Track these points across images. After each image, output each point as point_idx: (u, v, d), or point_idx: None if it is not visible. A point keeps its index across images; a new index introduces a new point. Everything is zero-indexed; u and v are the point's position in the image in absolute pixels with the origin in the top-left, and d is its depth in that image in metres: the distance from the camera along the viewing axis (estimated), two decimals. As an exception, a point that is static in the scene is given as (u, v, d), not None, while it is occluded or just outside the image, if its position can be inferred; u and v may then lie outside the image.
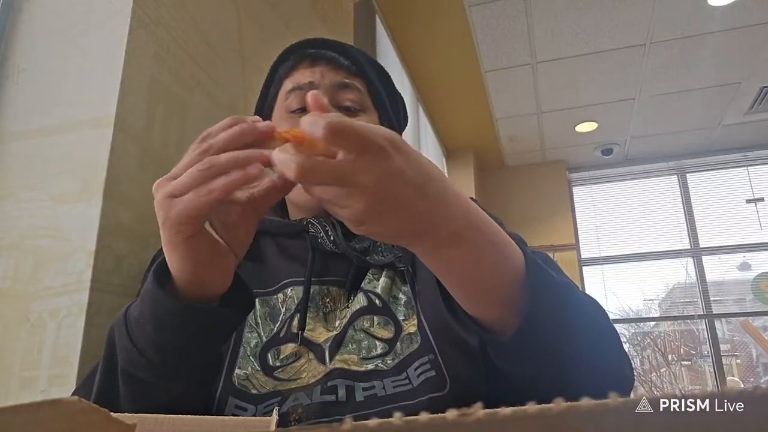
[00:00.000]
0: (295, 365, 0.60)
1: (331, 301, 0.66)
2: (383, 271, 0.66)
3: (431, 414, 0.17)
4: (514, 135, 4.40)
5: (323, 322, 0.64)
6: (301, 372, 0.59)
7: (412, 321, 0.62)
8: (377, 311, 0.63)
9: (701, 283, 4.59)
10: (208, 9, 1.14)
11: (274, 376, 0.59)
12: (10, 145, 0.90)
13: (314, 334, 0.62)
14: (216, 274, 0.47)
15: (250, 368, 0.59)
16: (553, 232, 4.70)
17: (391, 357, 0.59)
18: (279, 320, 0.63)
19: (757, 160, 4.69)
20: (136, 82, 0.90)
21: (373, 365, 0.59)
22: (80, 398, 0.19)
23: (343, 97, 0.69)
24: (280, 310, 0.64)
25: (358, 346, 0.60)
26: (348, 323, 0.62)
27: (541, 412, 0.16)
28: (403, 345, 0.60)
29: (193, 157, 0.43)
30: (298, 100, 0.69)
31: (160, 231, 0.45)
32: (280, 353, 0.61)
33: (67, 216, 0.83)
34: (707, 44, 3.18)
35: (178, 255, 0.45)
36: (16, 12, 0.98)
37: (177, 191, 0.42)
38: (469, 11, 2.86)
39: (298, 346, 0.61)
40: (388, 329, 0.62)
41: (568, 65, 3.39)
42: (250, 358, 0.60)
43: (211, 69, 1.12)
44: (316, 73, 0.69)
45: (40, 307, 0.80)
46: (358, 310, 0.63)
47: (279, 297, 0.65)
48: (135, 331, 0.48)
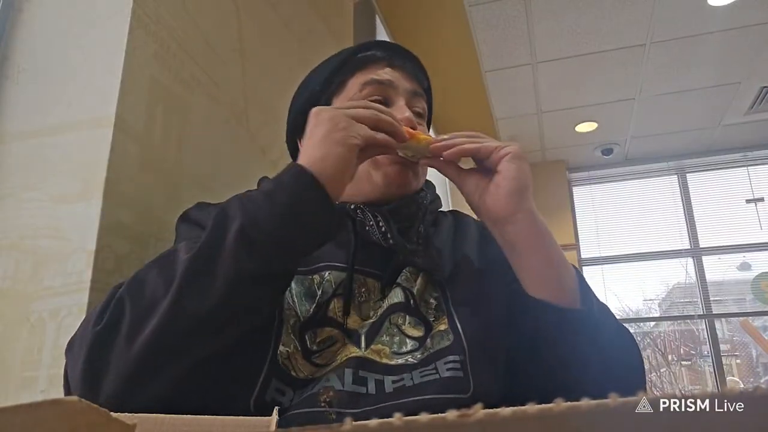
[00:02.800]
0: (332, 349, 0.62)
1: (366, 291, 0.68)
2: (419, 273, 0.70)
3: (432, 414, 0.17)
4: (514, 135, 4.40)
5: (358, 310, 0.66)
6: (336, 356, 0.62)
7: (442, 321, 0.66)
8: (410, 311, 0.66)
9: (701, 283, 4.59)
10: (208, 9, 1.14)
11: (312, 360, 0.61)
12: (10, 145, 0.90)
13: (349, 320, 0.65)
14: (344, 183, 0.57)
15: (292, 346, 0.61)
16: (553, 232, 4.68)
17: (420, 352, 0.63)
18: (315, 302, 0.65)
19: (757, 160, 4.68)
20: (136, 82, 0.90)
21: (404, 359, 0.62)
22: (80, 398, 0.19)
23: (416, 104, 0.77)
24: (316, 291, 0.66)
25: (391, 340, 0.64)
26: (385, 314, 0.65)
27: (541, 412, 0.16)
28: (434, 341, 0.64)
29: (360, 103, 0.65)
30: (378, 93, 0.74)
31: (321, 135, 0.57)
32: (317, 336, 0.63)
33: (67, 216, 0.83)
34: (707, 44, 3.18)
35: (343, 151, 0.56)
36: (16, 12, 0.98)
37: (355, 115, 0.59)
38: (469, 11, 2.86)
39: (335, 331, 0.64)
40: (419, 329, 0.66)
41: (568, 65, 3.39)
42: (291, 336, 0.62)
43: (211, 69, 1.12)
44: (396, 75, 0.76)
45: (40, 307, 0.80)
46: (395, 304, 0.66)
47: (315, 278, 0.67)
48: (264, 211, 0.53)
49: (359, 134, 0.57)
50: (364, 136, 0.58)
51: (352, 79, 0.75)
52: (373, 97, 0.73)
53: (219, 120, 1.14)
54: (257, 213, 0.53)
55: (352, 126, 0.57)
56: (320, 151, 0.56)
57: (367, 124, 0.59)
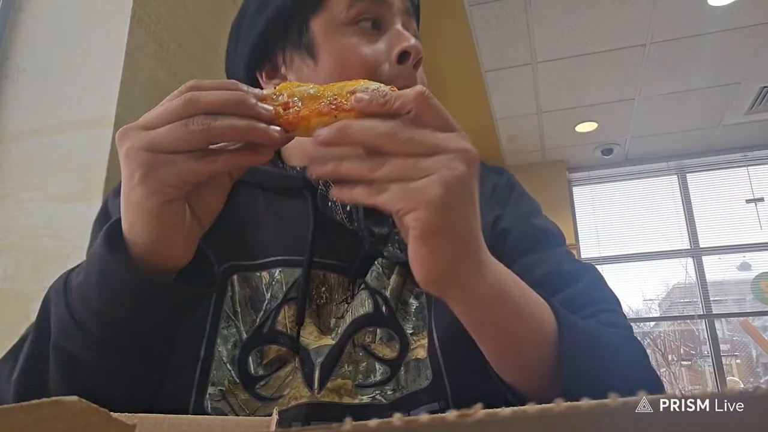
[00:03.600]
0: (279, 375, 0.51)
1: (327, 290, 0.54)
2: (395, 267, 0.54)
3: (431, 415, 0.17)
4: (514, 135, 4.40)
5: (315, 318, 0.53)
6: (284, 387, 0.50)
7: (422, 340, 0.52)
8: (382, 321, 0.53)
9: (701, 283, 4.59)
10: (208, 9, 1.14)
11: (256, 392, 0.50)
12: (10, 145, 0.90)
13: (304, 333, 0.52)
14: (179, 246, 0.41)
15: (227, 381, 0.49)
16: (553, 232, 4.69)
17: (392, 387, 0.50)
18: (262, 309, 0.52)
19: (757, 160, 4.69)
20: (136, 82, 0.90)
21: (370, 397, 0.50)
22: (80, 398, 0.19)
23: (411, 27, 0.61)
24: (264, 294, 0.53)
25: (356, 369, 0.51)
26: (347, 333, 0.52)
27: (541, 412, 0.16)
28: (408, 376, 0.51)
29: (175, 108, 0.36)
30: (370, 12, 0.56)
31: (123, 186, 0.38)
32: (263, 357, 0.51)
33: (67, 216, 0.83)
34: (707, 44, 3.18)
35: (145, 218, 0.38)
36: (16, 12, 0.98)
37: (160, 146, 0.36)
38: (469, 11, 2.86)
39: (284, 349, 0.51)
40: (392, 347, 0.52)
41: (568, 65, 3.39)
42: (226, 366, 0.50)
43: (211, 69, 1.12)
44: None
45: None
46: (360, 318, 0.52)
47: (264, 276, 0.54)
48: (75, 300, 0.42)
49: (170, 183, 0.37)
50: (187, 179, 0.37)
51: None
52: (365, 17, 0.55)
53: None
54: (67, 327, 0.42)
55: (159, 167, 0.36)
56: (126, 215, 0.39)
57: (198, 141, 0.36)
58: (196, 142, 0.36)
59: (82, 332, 0.41)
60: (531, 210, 0.65)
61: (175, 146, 0.36)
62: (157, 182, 0.37)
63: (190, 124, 0.36)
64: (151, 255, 0.40)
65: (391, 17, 0.57)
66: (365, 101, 0.35)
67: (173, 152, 0.36)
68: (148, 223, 0.38)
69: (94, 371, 0.43)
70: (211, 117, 0.36)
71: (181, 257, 0.42)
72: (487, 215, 0.59)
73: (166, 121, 0.36)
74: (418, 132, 0.35)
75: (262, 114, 0.37)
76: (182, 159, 0.37)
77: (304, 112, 0.37)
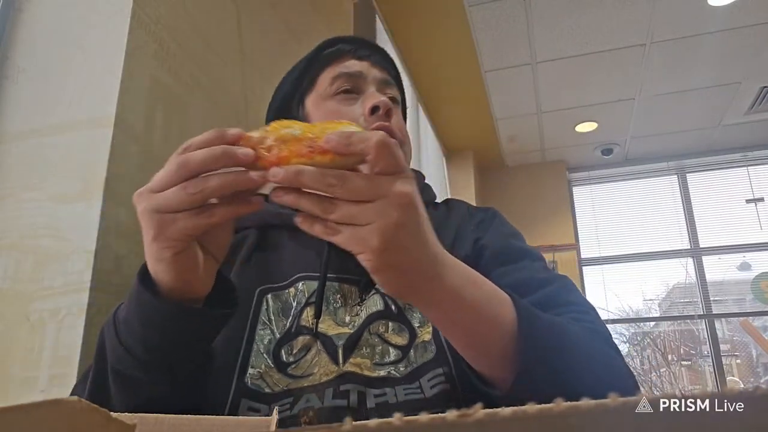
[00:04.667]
0: (306, 358, 0.61)
1: (342, 298, 0.66)
2: None
3: (432, 414, 0.17)
4: (514, 135, 4.40)
5: (333, 316, 0.64)
6: (313, 367, 0.60)
7: (427, 329, 0.63)
8: (392, 317, 0.64)
9: (701, 283, 4.59)
10: (208, 9, 1.14)
11: (288, 373, 0.60)
12: (10, 145, 0.90)
13: (323, 326, 0.63)
14: (198, 280, 0.49)
15: (264, 366, 0.60)
16: (553, 232, 4.70)
17: (404, 364, 0.60)
18: (291, 315, 0.64)
19: (757, 160, 4.69)
20: (136, 82, 0.90)
21: (386, 371, 0.59)
22: (80, 398, 0.19)
23: (387, 91, 0.75)
24: (292, 304, 0.65)
25: (372, 351, 0.61)
26: (363, 325, 0.63)
27: (541, 412, 0.16)
28: (417, 353, 0.61)
29: (172, 174, 0.43)
30: (348, 84, 0.72)
31: (144, 239, 0.46)
32: (293, 348, 0.62)
33: (67, 216, 0.83)
34: (707, 44, 3.18)
35: (163, 267, 0.47)
36: (16, 12, 0.98)
37: (165, 208, 0.43)
38: (469, 11, 2.86)
39: (308, 338, 0.62)
40: (403, 336, 0.63)
41: (568, 65, 3.39)
42: (263, 355, 0.61)
43: (211, 69, 1.12)
44: (364, 65, 0.74)
45: (40, 307, 0.80)
46: (374, 313, 0.64)
47: (291, 291, 0.66)
48: (123, 331, 0.51)
49: (176, 238, 0.44)
50: (191, 233, 0.44)
51: (322, 74, 0.75)
52: (343, 88, 0.72)
53: (219, 120, 1.13)
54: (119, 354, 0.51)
55: (167, 226, 0.44)
56: (149, 263, 0.48)
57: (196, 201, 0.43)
58: (195, 202, 0.43)
59: (130, 356, 0.50)
60: (512, 233, 0.75)
61: (177, 207, 0.43)
62: (166, 239, 0.44)
63: (188, 188, 0.43)
64: (174, 291, 0.48)
65: (365, 86, 0.73)
66: (333, 142, 0.40)
67: (177, 211, 0.44)
68: (166, 270, 0.47)
69: (145, 386, 0.51)
70: (203, 179, 0.43)
71: (202, 288, 0.50)
72: (469, 236, 0.71)
73: (168, 185, 0.43)
74: (364, 180, 0.40)
75: (242, 160, 0.43)
76: (185, 217, 0.44)
77: (284, 153, 0.41)
